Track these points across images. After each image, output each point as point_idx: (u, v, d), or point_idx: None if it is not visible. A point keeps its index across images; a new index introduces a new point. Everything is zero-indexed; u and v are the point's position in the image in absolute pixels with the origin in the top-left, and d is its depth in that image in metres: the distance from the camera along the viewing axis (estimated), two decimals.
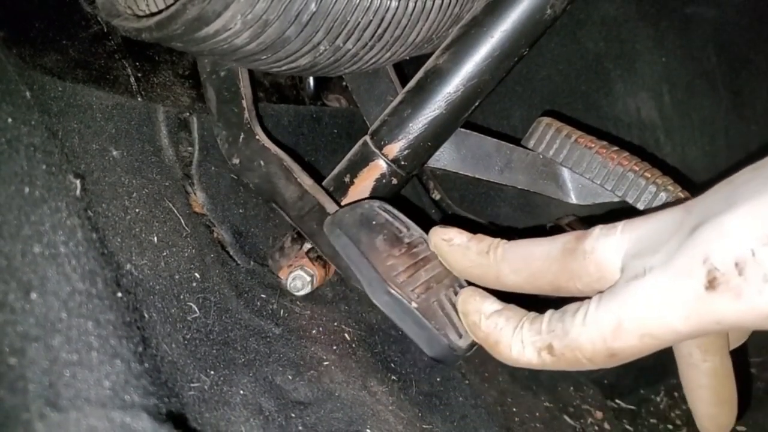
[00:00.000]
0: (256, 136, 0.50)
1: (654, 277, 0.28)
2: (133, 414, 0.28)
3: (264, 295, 0.49)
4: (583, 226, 0.65)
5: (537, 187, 0.53)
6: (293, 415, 0.39)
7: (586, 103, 0.77)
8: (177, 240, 0.45)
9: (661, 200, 0.46)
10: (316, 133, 0.67)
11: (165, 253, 0.42)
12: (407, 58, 0.52)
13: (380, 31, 0.44)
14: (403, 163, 0.48)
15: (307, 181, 0.49)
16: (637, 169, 0.47)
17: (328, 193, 0.50)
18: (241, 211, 0.54)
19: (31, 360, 0.27)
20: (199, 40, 0.42)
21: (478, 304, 0.35)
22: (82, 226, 0.34)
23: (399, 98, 0.48)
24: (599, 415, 0.68)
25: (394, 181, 0.49)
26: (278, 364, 0.43)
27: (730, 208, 0.26)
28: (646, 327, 0.28)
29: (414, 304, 0.38)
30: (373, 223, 0.42)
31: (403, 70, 0.62)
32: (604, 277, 0.31)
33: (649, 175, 0.47)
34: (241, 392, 0.38)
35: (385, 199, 0.50)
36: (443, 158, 0.54)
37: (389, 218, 0.42)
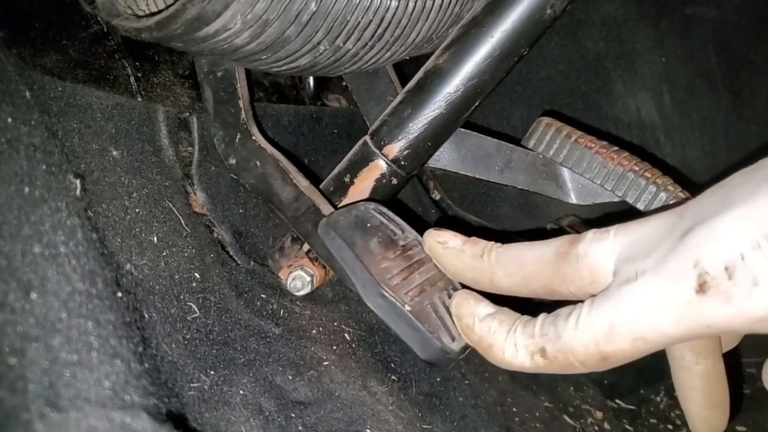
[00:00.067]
0: (253, 137, 0.50)
1: (646, 281, 0.28)
2: (133, 414, 0.28)
3: (264, 295, 0.49)
4: (584, 228, 0.66)
5: (537, 187, 0.53)
6: (293, 415, 0.39)
7: (586, 103, 0.77)
8: (177, 240, 0.45)
9: (661, 200, 0.46)
10: (316, 133, 0.67)
11: (165, 253, 0.42)
12: (407, 58, 0.52)
13: (380, 31, 0.44)
14: (403, 163, 0.48)
15: (303, 182, 0.49)
16: (637, 169, 0.47)
17: (326, 195, 0.50)
18: (241, 211, 0.54)
19: (31, 360, 0.27)
20: (199, 39, 0.42)
21: (471, 307, 0.35)
22: (82, 226, 0.34)
23: (399, 98, 0.48)
24: (599, 415, 0.68)
25: (394, 181, 0.49)
26: (278, 364, 0.43)
27: (721, 212, 0.27)
28: (638, 331, 0.28)
29: (407, 307, 0.37)
30: (368, 225, 0.42)
31: (403, 70, 0.62)
32: (597, 281, 0.31)
33: (649, 175, 0.47)
34: (241, 392, 0.38)
35: (384, 200, 0.50)
36: (443, 158, 0.54)
37: (384, 220, 0.42)
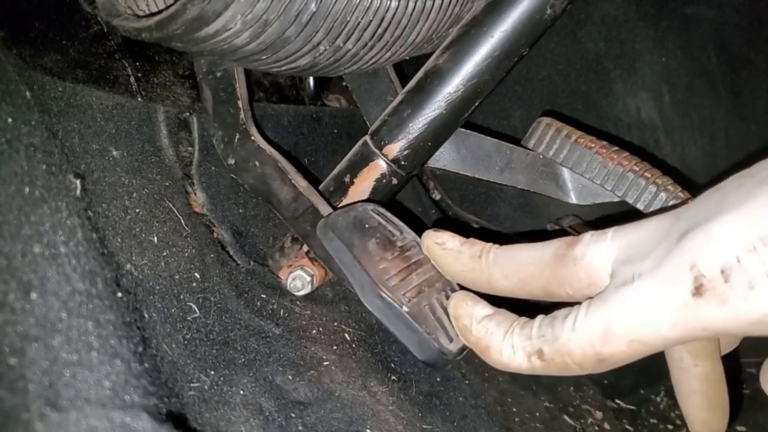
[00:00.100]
0: (252, 137, 0.50)
1: (642, 283, 0.28)
2: (133, 414, 0.28)
3: (264, 295, 0.49)
4: (585, 228, 0.66)
5: (537, 187, 0.53)
6: (293, 415, 0.39)
7: (586, 103, 0.77)
8: (177, 240, 0.45)
9: (661, 200, 0.46)
10: (316, 133, 0.67)
11: (165, 253, 0.42)
12: (407, 58, 0.52)
13: (380, 31, 0.44)
14: (403, 163, 0.48)
15: (302, 183, 0.49)
16: (637, 169, 0.47)
17: (326, 195, 0.50)
18: (241, 211, 0.54)
19: (31, 360, 0.27)
20: (199, 40, 0.42)
21: (469, 309, 0.35)
22: (82, 226, 0.34)
23: (399, 98, 0.48)
24: (599, 415, 0.68)
25: (395, 181, 0.49)
26: (278, 364, 0.43)
27: (717, 215, 0.27)
28: (635, 333, 0.28)
29: (405, 308, 0.37)
30: (366, 226, 0.42)
31: (403, 70, 0.62)
32: (594, 283, 0.31)
33: (649, 175, 0.47)
34: (241, 392, 0.38)
35: (384, 200, 0.50)
36: (443, 158, 0.54)
37: (382, 221, 0.42)
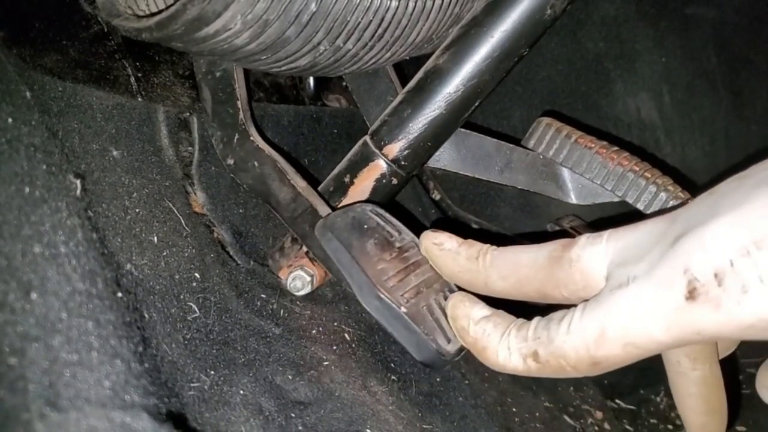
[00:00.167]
0: (251, 137, 0.50)
1: (637, 286, 0.28)
2: (133, 414, 0.28)
3: (264, 295, 0.49)
4: (585, 228, 0.66)
5: (537, 187, 0.53)
6: (293, 415, 0.39)
7: (586, 103, 0.77)
8: (177, 240, 0.45)
9: (661, 200, 0.46)
10: (316, 133, 0.67)
11: (165, 253, 0.42)
12: (407, 58, 0.52)
13: (380, 31, 0.44)
14: (403, 163, 0.48)
15: (301, 183, 0.49)
16: (637, 169, 0.47)
17: (326, 195, 0.50)
18: (241, 211, 0.54)
19: (31, 360, 0.27)
20: (199, 40, 0.42)
21: (467, 310, 0.35)
22: (82, 226, 0.34)
23: (399, 98, 0.48)
24: (599, 415, 0.68)
25: (394, 182, 0.49)
26: (278, 364, 0.43)
27: (712, 218, 0.26)
28: (629, 336, 0.28)
29: (403, 309, 0.38)
30: (365, 227, 0.42)
31: (403, 70, 0.62)
32: (590, 285, 0.31)
33: (649, 175, 0.47)
34: (241, 392, 0.38)
35: (384, 200, 0.50)
36: (443, 158, 0.54)
37: (381, 222, 0.42)
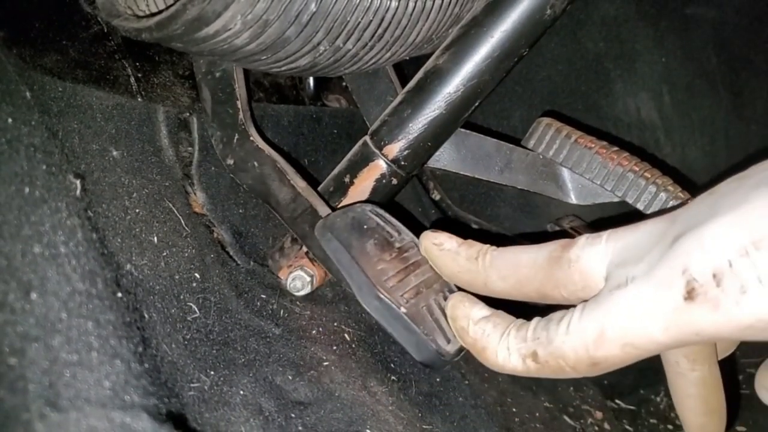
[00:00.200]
0: (251, 137, 0.50)
1: (636, 287, 0.28)
2: (133, 414, 0.28)
3: (264, 295, 0.49)
4: (586, 229, 0.66)
5: (537, 187, 0.53)
6: (293, 415, 0.39)
7: (586, 103, 0.77)
8: (177, 240, 0.45)
9: (661, 200, 0.46)
10: (316, 134, 0.67)
11: (165, 253, 0.42)
12: (407, 58, 0.52)
13: (380, 31, 0.44)
14: (403, 163, 0.48)
15: (300, 184, 0.49)
16: (637, 169, 0.47)
17: (326, 195, 0.50)
18: (241, 211, 0.54)
19: (31, 360, 0.27)
20: (199, 40, 0.42)
21: (466, 310, 0.35)
22: (82, 226, 0.34)
23: (399, 98, 0.48)
24: (599, 415, 0.68)
25: (394, 182, 0.49)
26: (278, 364, 0.43)
27: (711, 218, 0.26)
28: (628, 337, 0.28)
29: (403, 309, 0.38)
30: (364, 227, 0.42)
31: (403, 70, 0.62)
32: (589, 285, 0.31)
33: (649, 176, 0.47)
34: (241, 392, 0.38)
35: (384, 200, 0.50)
36: (443, 158, 0.54)
37: (380, 222, 0.42)
